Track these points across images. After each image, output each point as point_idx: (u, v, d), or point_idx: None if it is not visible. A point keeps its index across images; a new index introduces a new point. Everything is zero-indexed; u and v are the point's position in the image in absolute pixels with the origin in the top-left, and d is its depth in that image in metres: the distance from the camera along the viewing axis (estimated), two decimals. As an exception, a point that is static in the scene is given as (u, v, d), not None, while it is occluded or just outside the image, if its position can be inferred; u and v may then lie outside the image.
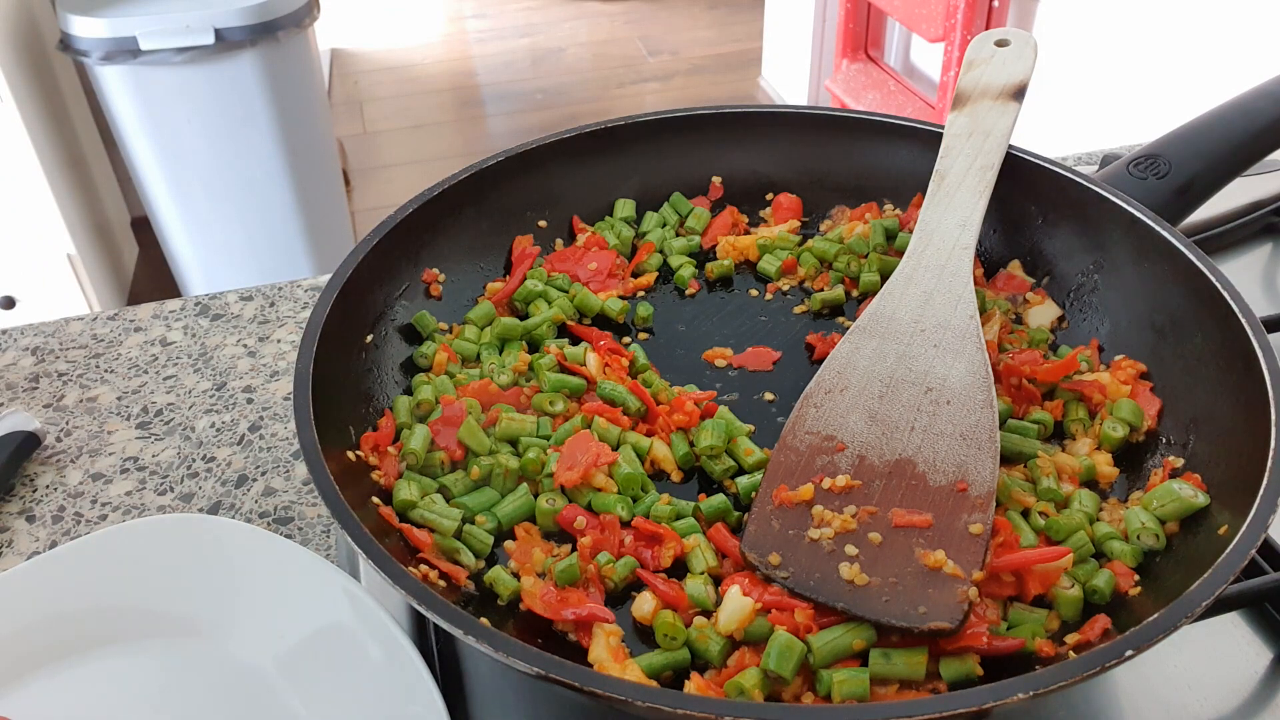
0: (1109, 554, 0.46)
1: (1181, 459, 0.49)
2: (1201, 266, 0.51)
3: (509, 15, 3.75)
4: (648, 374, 0.57)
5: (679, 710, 0.34)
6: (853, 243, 0.64)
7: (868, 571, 0.43)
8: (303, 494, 0.61)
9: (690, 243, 0.67)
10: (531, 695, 0.46)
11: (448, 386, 0.54)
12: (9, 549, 0.58)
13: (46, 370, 0.71)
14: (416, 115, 3.14)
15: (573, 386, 0.54)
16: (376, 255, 0.56)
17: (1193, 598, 0.37)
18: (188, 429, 0.66)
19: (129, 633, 0.49)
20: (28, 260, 1.92)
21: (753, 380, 0.58)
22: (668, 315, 0.63)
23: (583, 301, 0.61)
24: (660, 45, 3.51)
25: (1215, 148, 0.60)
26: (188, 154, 1.94)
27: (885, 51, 2.58)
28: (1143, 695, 0.46)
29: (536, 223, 0.66)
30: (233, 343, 0.73)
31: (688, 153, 0.69)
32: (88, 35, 1.77)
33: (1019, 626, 0.43)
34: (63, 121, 2.04)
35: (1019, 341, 0.58)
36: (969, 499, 0.46)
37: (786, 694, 0.41)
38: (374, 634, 0.46)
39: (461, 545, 0.47)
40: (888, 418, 0.50)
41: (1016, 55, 0.63)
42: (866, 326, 0.54)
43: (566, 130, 0.65)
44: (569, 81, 3.31)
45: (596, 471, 0.49)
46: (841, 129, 0.67)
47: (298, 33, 1.91)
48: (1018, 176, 0.61)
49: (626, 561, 0.46)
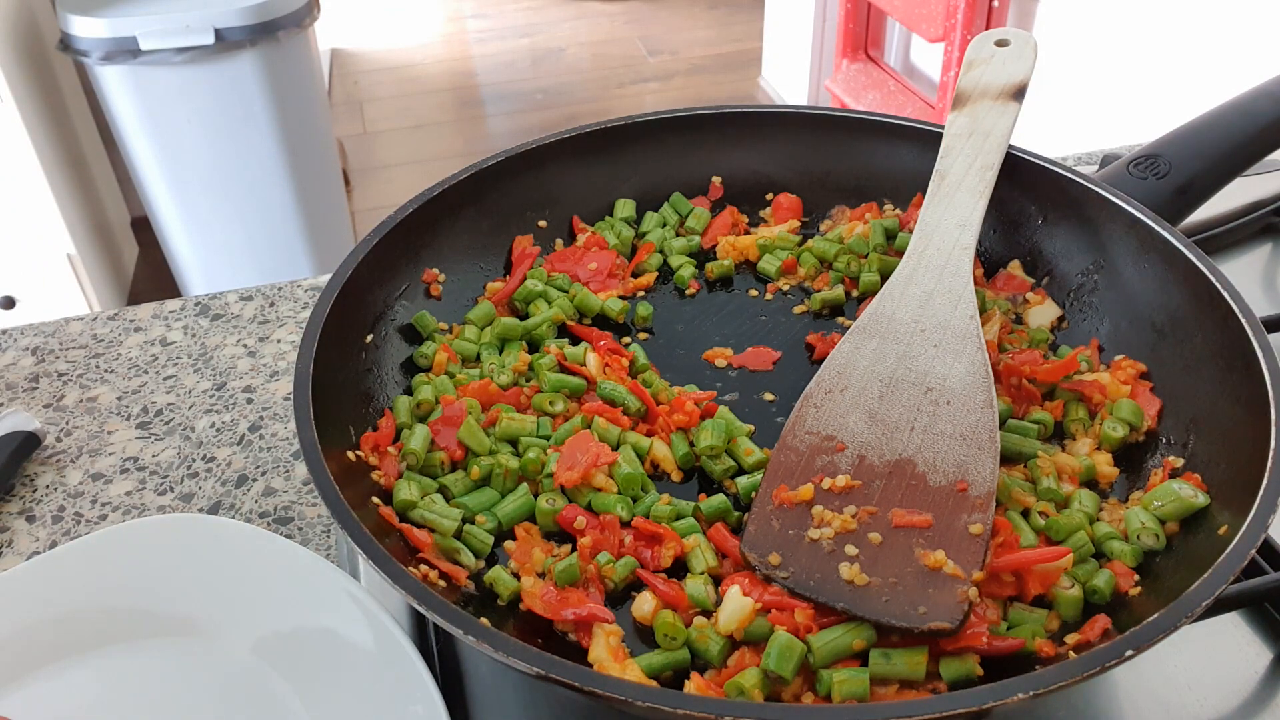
0: (1109, 554, 0.46)
1: (1181, 459, 0.49)
2: (1201, 266, 0.51)
3: (509, 15, 3.75)
4: (648, 374, 0.57)
5: (679, 710, 0.34)
6: (853, 243, 0.64)
7: (868, 571, 0.43)
8: (303, 494, 0.61)
9: (690, 243, 0.67)
10: (531, 695, 0.46)
11: (448, 386, 0.54)
12: (9, 549, 0.58)
13: (46, 370, 0.71)
14: (416, 115, 3.14)
15: (573, 386, 0.54)
16: (376, 255, 0.56)
17: (1193, 598, 0.37)
18: (188, 429, 0.66)
19: (129, 633, 0.49)
20: (28, 260, 1.92)
21: (753, 380, 0.58)
22: (668, 315, 0.63)
23: (583, 301, 0.61)
24: (660, 45, 3.51)
25: (1215, 148, 0.60)
26: (188, 154, 1.94)
27: (885, 51, 2.58)
28: (1143, 695, 0.46)
29: (536, 223, 0.66)
30: (233, 343, 0.73)
31: (688, 153, 0.69)
32: (88, 35, 1.77)
33: (1019, 626, 0.43)
34: (63, 121, 2.04)
35: (1019, 341, 0.58)
36: (969, 499, 0.46)
37: (786, 694, 0.41)
38: (374, 634, 0.46)
39: (461, 545, 0.47)
40: (888, 418, 0.50)
41: (1016, 55, 0.63)
42: (866, 326, 0.54)
43: (566, 130, 0.65)
44: (569, 81, 3.31)
45: (596, 471, 0.49)
46: (841, 129, 0.67)
47: (298, 33, 1.91)
48: (1018, 176, 0.61)
49: (626, 561, 0.46)
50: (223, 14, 1.79)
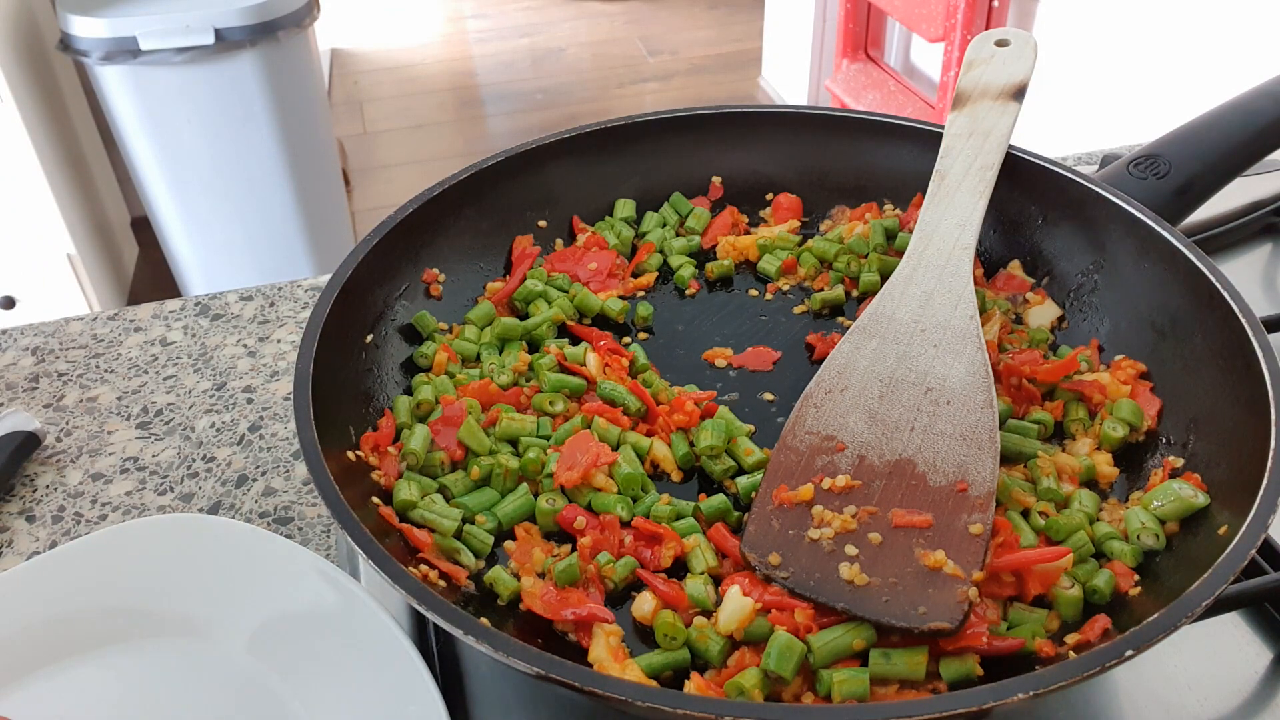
0: (1109, 554, 0.46)
1: (1181, 459, 0.49)
2: (1201, 266, 0.51)
3: (509, 15, 3.75)
4: (648, 374, 0.57)
5: (679, 710, 0.34)
6: (853, 243, 0.64)
7: (868, 572, 0.43)
8: (303, 494, 0.61)
9: (690, 243, 0.67)
10: (531, 695, 0.46)
11: (447, 386, 0.54)
12: (9, 549, 0.58)
13: (46, 370, 0.71)
14: (416, 115, 3.14)
15: (573, 387, 0.54)
16: (376, 255, 0.56)
17: (1193, 598, 0.37)
18: (188, 429, 0.66)
19: (129, 633, 0.49)
20: (28, 260, 1.92)
21: (753, 380, 0.58)
22: (668, 315, 0.63)
23: (583, 301, 0.61)
24: (660, 45, 3.51)
25: (1215, 148, 0.60)
26: (188, 154, 1.94)
27: (885, 51, 2.58)
28: (1143, 695, 0.46)
29: (536, 223, 0.66)
30: (233, 343, 0.73)
31: (688, 153, 0.69)
32: (88, 35, 1.77)
33: (1019, 626, 0.43)
34: (63, 121, 2.04)
35: (1019, 341, 0.58)
36: (969, 499, 0.46)
37: (786, 694, 0.41)
38: (374, 634, 0.46)
39: (461, 545, 0.47)
40: (888, 418, 0.50)
41: (1016, 55, 0.63)
42: (866, 326, 0.54)
43: (566, 130, 0.65)
44: (569, 81, 3.31)
45: (597, 472, 0.49)
46: (841, 129, 0.67)
47: (298, 33, 1.91)
48: (1018, 176, 0.61)
49: (626, 561, 0.46)
50: (223, 14, 1.79)
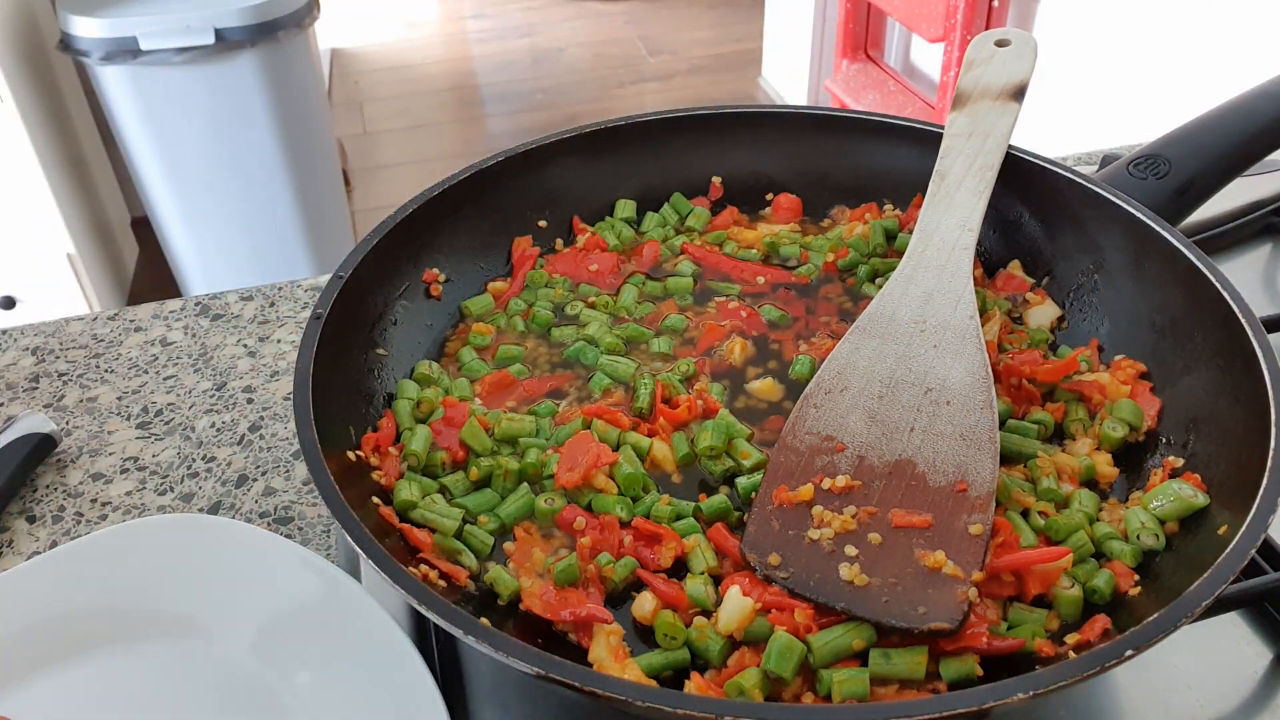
0: (1109, 554, 0.46)
1: (1181, 459, 0.49)
2: (1201, 266, 0.51)
3: (509, 15, 3.75)
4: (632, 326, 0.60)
5: (679, 710, 0.34)
6: (853, 242, 0.64)
7: (867, 572, 0.43)
8: (303, 494, 0.61)
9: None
10: (531, 695, 0.46)
11: (449, 386, 0.54)
12: (9, 549, 0.58)
13: (46, 370, 0.71)
14: (416, 115, 3.14)
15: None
16: (376, 255, 0.56)
17: (1193, 598, 0.37)
18: (188, 429, 0.66)
19: (129, 633, 0.49)
20: (28, 260, 1.92)
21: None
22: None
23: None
24: (660, 45, 3.51)
25: (1215, 148, 0.60)
26: (188, 154, 1.94)
27: (885, 51, 2.58)
28: (1143, 695, 0.46)
29: (537, 223, 0.66)
30: (233, 343, 0.73)
31: (688, 153, 0.69)
32: (88, 35, 1.77)
33: (1019, 626, 0.43)
34: (63, 121, 2.04)
35: (1019, 341, 0.58)
36: (969, 499, 0.46)
37: (786, 694, 0.41)
38: (374, 634, 0.46)
39: (462, 545, 0.47)
40: (887, 418, 0.50)
41: (1016, 55, 0.63)
42: (866, 327, 0.54)
43: (566, 130, 0.65)
44: (569, 81, 3.31)
45: (597, 472, 0.49)
46: (841, 129, 0.67)
47: (298, 33, 1.91)
48: (1018, 176, 0.61)
49: (626, 561, 0.46)
50: (223, 14, 1.79)
